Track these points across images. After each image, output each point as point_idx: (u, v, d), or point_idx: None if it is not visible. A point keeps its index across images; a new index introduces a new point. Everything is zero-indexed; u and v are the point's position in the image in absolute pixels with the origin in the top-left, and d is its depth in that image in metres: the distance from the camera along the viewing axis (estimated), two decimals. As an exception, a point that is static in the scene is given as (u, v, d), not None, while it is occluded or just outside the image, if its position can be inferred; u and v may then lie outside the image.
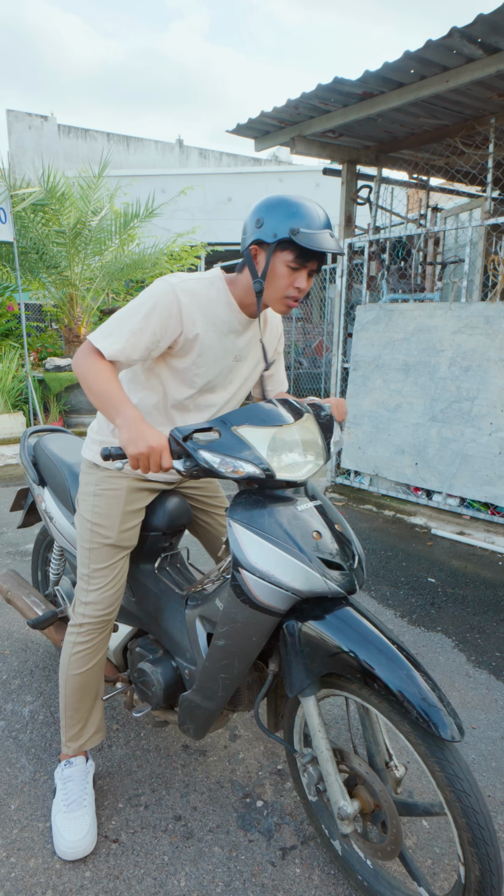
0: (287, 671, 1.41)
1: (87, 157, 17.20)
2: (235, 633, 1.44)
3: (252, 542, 1.36)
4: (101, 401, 1.46)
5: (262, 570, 1.34)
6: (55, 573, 2.30)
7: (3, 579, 2.37)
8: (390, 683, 1.24)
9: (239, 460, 1.34)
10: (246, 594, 1.36)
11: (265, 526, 1.37)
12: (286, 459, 1.39)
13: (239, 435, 1.38)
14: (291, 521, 1.38)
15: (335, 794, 1.41)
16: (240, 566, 1.36)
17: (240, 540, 1.37)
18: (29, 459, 2.23)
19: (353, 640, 1.31)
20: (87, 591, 1.71)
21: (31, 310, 10.46)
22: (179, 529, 1.83)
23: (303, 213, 1.46)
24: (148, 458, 1.35)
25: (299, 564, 1.33)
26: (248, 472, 1.34)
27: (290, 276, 1.51)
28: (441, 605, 3.18)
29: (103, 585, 1.70)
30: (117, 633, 1.96)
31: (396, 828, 1.38)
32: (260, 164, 20.87)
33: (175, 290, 1.53)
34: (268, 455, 1.37)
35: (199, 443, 1.36)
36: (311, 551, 1.35)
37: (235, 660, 1.47)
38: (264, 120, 5.10)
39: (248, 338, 1.69)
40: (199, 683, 1.59)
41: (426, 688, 1.24)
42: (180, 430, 1.37)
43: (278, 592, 1.34)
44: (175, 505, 1.79)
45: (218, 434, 1.38)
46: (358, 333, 5.08)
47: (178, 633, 1.71)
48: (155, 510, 1.78)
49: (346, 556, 1.41)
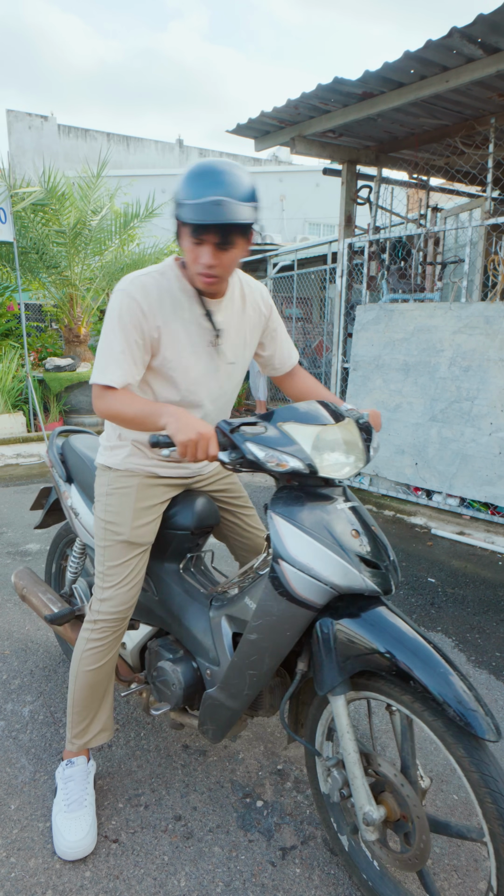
0: (318, 669, 1.41)
1: (87, 157, 17.19)
2: (269, 627, 1.44)
3: (293, 536, 1.38)
4: (140, 419, 1.48)
5: (302, 562, 1.35)
6: (73, 571, 2.32)
7: (19, 576, 2.40)
8: (428, 683, 1.24)
9: (284, 454, 1.37)
10: (284, 586, 1.37)
11: (305, 521, 1.39)
12: (329, 458, 1.41)
13: (284, 431, 1.40)
14: (331, 519, 1.40)
15: (361, 799, 1.38)
16: (280, 558, 1.38)
17: (280, 533, 1.39)
18: (57, 457, 2.26)
19: (389, 640, 1.30)
20: (102, 588, 1.72)
21: (31, 310, 10.46)
22: (207, 530, 1.85)
23: (189, 183, 1.41)
24: (196, 445, 1.36)
25: (339, 560, 1.35)
26: (292, 467, 1.37)
27: (194, 251, 1.47)
28: (441, 605, 3.18)
29: (118, 583, 1.71)
30: (136, 631, 1.97)
31: (425, 842, 1.34)
32: (260, 164, 20.87)
33: (127, 292, 1.54)
34: (312, 452, 1.39)
35: (246, 435, 1.39)
36: (350, 548, 1.37)
37: (266, 655, 1.47)
38: (264, 120, 5.10)
39: (221, 319, 1.66)
40: (224, 680, 1.59)
41: (463, 688, 1.24)
42: (227, 422, 1.41)
43: (317, 586, 1.35)
44: (203, 505, 1.81)
45: (264, 429, 1.41)
46: (358, 333, 5.08)
47: (202, 633, 1.71)
48: (183, 510, 1.79)
49: (382, 557, 1.42)
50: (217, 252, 1.46)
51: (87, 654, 1.73)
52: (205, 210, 1.39)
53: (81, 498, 2.11)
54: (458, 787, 1.91)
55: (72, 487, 2.17)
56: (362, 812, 1.36)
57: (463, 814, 1.81)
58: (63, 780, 1.76)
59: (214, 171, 1.41)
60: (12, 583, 2.45)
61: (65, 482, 2.20)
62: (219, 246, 1.45)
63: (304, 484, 1.45)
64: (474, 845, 1.70)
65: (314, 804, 1.73)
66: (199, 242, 1.45)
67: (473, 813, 1.81)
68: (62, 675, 2.49)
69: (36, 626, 2.88)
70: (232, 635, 1.65)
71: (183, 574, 1.84)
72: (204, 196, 1.39)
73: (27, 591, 2.33)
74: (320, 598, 1.36)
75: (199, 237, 1.44)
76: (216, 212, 1.39)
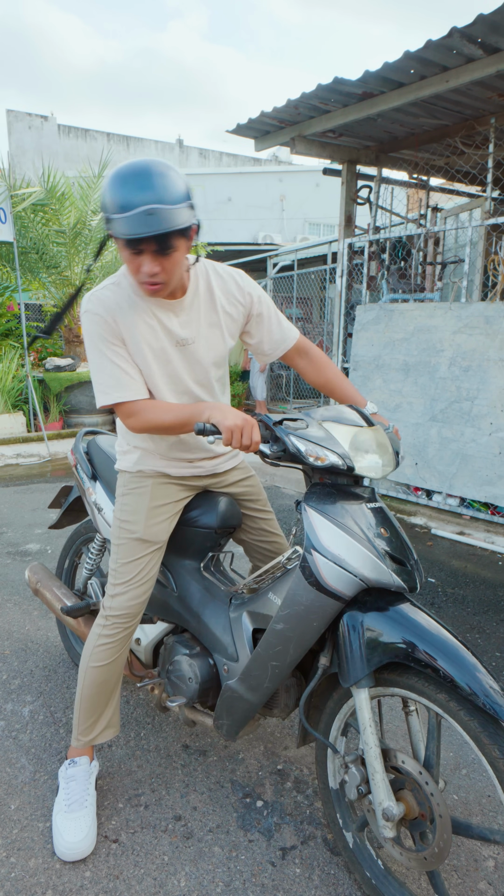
0: (343, 661, 1.43)
1: (87, 157, 17.20)
2: (297, 617, 1.47)
3: (325, 527, 1.43)
4: (182, 422, 1.53)
5: (333, 553, 1.40)
6: (89, 569, 2.36)
7: (33, 570, 2.45)
8: (455, 675, 1.26)
9: (324, 449, 1.43)
10: (315, 576, 1.41)
11: (338, 515, 1.44)
12: (364, 457, 1.47)
13: (324, 428, 1.47)
14: (362, 516, 1.46)
15: (380, 794, 1.38)
16: (312, 549, 1.43)
17: (314, 524, 1.45)
18: (83, 455, 2.33)
19: (415, 633, 1.34)
20: (114, 584, 1.75)
21: (31, 310, 10.46)
22: (229, 530, 1.90)
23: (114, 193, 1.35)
24: (242, 431, 1.41)
25: (368, 554, 1.40)
26: (331, 461, 1.43)
27: (134, 261, 1.43)
28: (441, 605, 3.18)
29: (129, 579, 1.73)
30: (153, 627, 2.00)
31: (446, 841, 1.34)
32: (260, 164, 20.87)
33: (90, 311, 1.56)
34: (349, 450, 1.45)
35: (289, 429, 1.46)
36: (378, 545, 1.42)
37: (291, 646, 1.51)
38: (264, 120, 5.10)
39: (186, 319, 1.63)
40: (245, 672, 1.62)
41: (490, 683, 1.27)
42: (270, 416, 1.47)
43: (347, 577, 1.39)
44: (227, 505, 1.87)
45: (306, 424, 1.48)
46: (358, 333, 5.08)
47: (220, 629, 1.75)
48: (208, 509, 1.85)
49: (408, 556, 1.47)
50: (158, 259, 1.41)
51: (97, 649, 1.74)
52: (137, 222, 1.33)
53: (106, 494, 2.17)
54: (458, 788, 1.92)
55: (96, 484, 2.23)
56: (381, 807, 1.37)
57: (462, 814, 1.81)
58: (65, 779, 1.77)
59: (139, 176, 1.33)
60: (26, 577, 2.50)
61: (89, 479, 2.26)
62: (158, 252, 1.40)
63: (336, 482, 1.51)
64: (474, 845, 1.70)
65: (321, 800, 1.73)
66: (138, 252, 1.41)
67: (474, 813, 1.81)
68: (62, 675, 2.49)
69: (36, 626, 2.88)
70: (252, 632, 1.68)
71: (203, 572, 1.90)
72: (133, 207, 1.32)
73: (41, 585, 2.38)
74: (349, 589, 1.40)
75: (137, 248, 1.39)
76: (149, 222, 1.33)
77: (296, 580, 1.47)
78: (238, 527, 1.93)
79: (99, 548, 2.33)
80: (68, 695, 2.35)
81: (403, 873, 1.59)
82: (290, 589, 1.49)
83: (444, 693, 1.33)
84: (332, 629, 1.50)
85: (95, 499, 2.19)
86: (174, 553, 1.91)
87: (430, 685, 1.35)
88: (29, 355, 8.16)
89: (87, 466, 2.28)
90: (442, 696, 1.33)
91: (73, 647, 2.53)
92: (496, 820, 1.80)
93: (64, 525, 2.62)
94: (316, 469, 1.47)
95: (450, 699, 1.32)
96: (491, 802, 1.86)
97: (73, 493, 2.49)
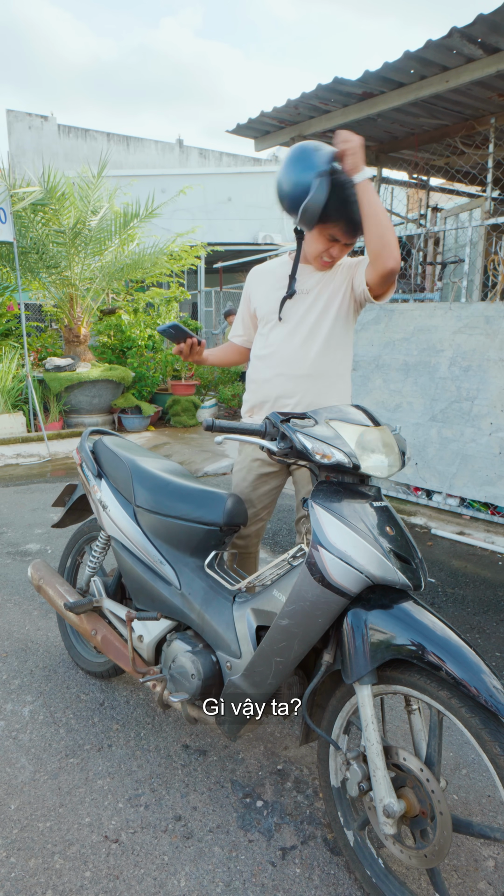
0: (347, 657, 1.44)
1: (87, 157, 17.19)
2: (302, 613, 1.48)
3: (332, 524, 1.45)
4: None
5: (340, 549, 1.42)
6: (92, 567, 2.37)
7: (35, 567, 2.48)
8: (459, 673, 1.27)
9: (331, 447, 1.45)
10: (321, 572, 1.42)
11: (344, 512, 1.46)
12: (370, 456, 1.49)
13: (331, 426, 1.49)
14: (368, 514, 1.48)
15: (381, 791, 1.39)
16: (319, 545, 1.44)
17: (320, 521, 1.46)
18: (89, 454, 2.35)
19: (419, 632, 1.35)
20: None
21: (31, 310, 10.45)
22: (235, 528, 1.93)
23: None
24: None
25: (374, 551, 1.41)
26: (337, 459, 1.45)
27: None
28: (441, 605, 3.18)
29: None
30: (155, 623, 2.00)
31: (446, 839, 1.35)
32: (260, 164, 20.84)
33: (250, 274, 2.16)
34: (355, 449, 1.47)
35: (296, 427, 1.49)
36: (384, 543, 1.43)
37: (296, 642, 1.51)
38: (264, 120, 5.10)
39: (311, 280, 2.05)
40: (249, 668, 1.63)
41: (494, 682, 1.28)
42: (278, 414, 1.52)
43: (353, 573, 1.40)
44: (233, 503, 1.90)
45: (313, 422, 1.51)
46: (358, 333, 5.08)
47: (224, 627, 1.76)
48: (214, 506, 1.88)
49: (413, 555, 1.48)
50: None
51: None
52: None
53: (112, 492, 2.18)
54: (458, 788, 1.92)
55: (102, 482, 2.25)
56: (383, 804, 1.38)
57: (463, 814, 1.81)
58: None
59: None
60: (28, 574, 2.52)
61: (95, 477, 2.28)
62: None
63: (342, 480, 1.52)
64: (473, 845, 1.70)
65: (322, 798, 1.72)
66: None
67: (475, 813, 1.81)
68: (62, 675, 2.49)
69: (36, 626, 2.88)
70: (256, 629, 1.69)
71: (207, 570, 1.91)
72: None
73: (44, 582, 2.40)
74: (355, 585, 1.41)
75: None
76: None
77: (302, 576, 1.49)
78: (244, 525, 1.96)
79: (102, 546, 2.34)
80: (68, 695, 2.35)
81: (404, 872, 1.60)
82: (296, 585, 1.50)
83: (446, 690, 1.33)
84: (336, 626, 1.51)
85: (101, 496, 2.21)
86: (179, 550, 1.92)
87: (433, 682, 1.36)
88: (29, 355, 8.17)
89: (93, 465, 2.31)
90: (444, 693, 1.33)
91: (73, 647, 2.54)
92: (497, 819, 1.80)
93: (67, 524, 2.63)
94: (322, 467, 1.49)
95: (451, 696, 1.32)
96: (491, 802, 1.86)
97: (77, 491, 2.50)
